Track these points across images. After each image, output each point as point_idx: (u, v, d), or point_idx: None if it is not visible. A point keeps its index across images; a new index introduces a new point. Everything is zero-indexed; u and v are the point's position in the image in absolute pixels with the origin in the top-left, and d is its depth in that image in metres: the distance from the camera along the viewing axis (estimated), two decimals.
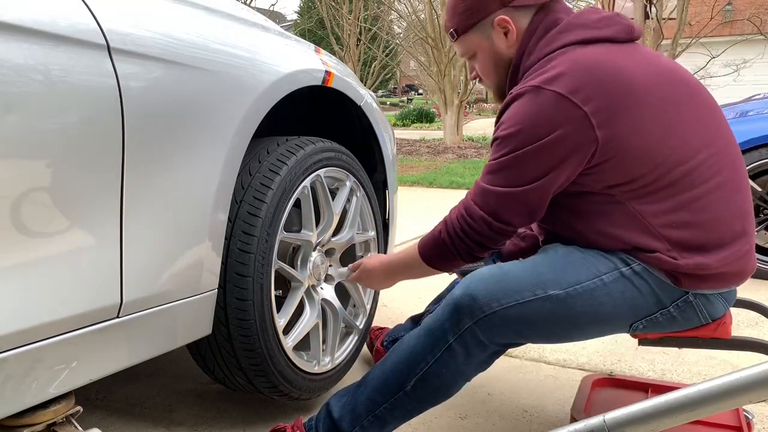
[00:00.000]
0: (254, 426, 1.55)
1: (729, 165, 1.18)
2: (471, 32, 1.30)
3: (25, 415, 1.02)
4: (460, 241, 1.22)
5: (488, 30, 1.28)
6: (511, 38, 1.26)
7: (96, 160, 1.01)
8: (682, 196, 1.13)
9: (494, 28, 1.27)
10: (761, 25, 10.72)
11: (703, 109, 1.19)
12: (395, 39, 15.41)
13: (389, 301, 2.50)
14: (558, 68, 1.12)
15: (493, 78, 1.34)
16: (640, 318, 1.20)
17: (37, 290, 0.94)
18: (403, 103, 26.77)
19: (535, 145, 1.11)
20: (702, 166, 1.14)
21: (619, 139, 1.11)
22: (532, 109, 1.12)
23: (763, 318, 1.49)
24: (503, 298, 1.15)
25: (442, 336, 1.19)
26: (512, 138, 1.13)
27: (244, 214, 1.33)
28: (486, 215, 1.17)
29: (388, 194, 1.99)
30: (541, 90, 1.11)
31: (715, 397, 0.87)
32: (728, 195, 1.16)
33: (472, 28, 1.29)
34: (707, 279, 1.17)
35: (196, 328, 1.27)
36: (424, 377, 1.20)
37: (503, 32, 1.27)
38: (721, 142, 1.18)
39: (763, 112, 3.05)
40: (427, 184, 6.23)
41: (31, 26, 0.92)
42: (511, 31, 1.26)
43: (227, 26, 1.34)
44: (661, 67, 1.18)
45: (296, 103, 1.64)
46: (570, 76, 1.10)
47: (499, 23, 1.26)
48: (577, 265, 1.18)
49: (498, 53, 1.29)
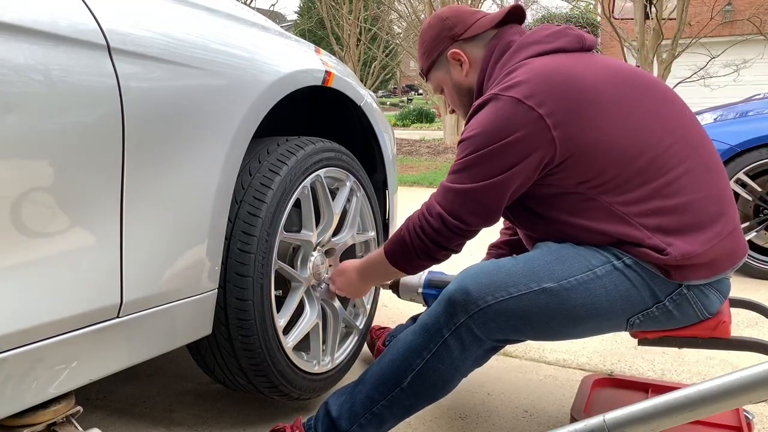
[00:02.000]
0: (254, 426, 1.55)
1: (693, 151, 1.22)
2: (433, 70, 1.47)
3: (25, 415, 1.01)
4: (418, 239, 1.26)
5: (445, 65, 1.44)
6: (465, 68, 1.40)
7: (96, 160, 1.01)
8: (650, 184, 1.18)
9: (450, 62, 1.42)
10: (761, 25, 10.71)
11: (661, 103, 1.25)
12: (395, 39, 15.41)
13: (389, 301, 2.50)
14: (515, 78, 1.20)
15: (459, 107, 1.48)
16: (636, 312, 1.20)
17: (37, 290, 0.94)
18: (403, 103, 26.79)
19: (496, 146, 1.17)
20: (665, 154, 1.19)
21: (576, 138, 1.16)
22: (492, 114, 1.19)
23: (763, 318, 1.49)
24: (497, 292, 1.17)
25: (437, 331, 1.20)
26: (475, 139, 1.20)
27: (244, 214, 1.33)
28: (444, 212, 1.22)
29: (388, 194, 1.99)
30: (499, 97, 1.19)
31: (715, 397, 0.87)
32: (697, 178, 1.20)
33: (433, 66, 1.46)
34: (697, 268, 1.18)
35: (196, 328, 1.27)
36: (421, 372, 1.20)
37: (458, 64, 1.41)
38: (682, 131, 1.23)
39: (763, 112, 3.05)
40: (427, 184, 6.23)
41: (31, 26, 0.92)
42: (464, 62, 1.40)
43: (227, 26, 1.34)
44: (613, 69, 1.25)
45: (296, 104, 1.64)
46: (525, 83, 1.18)
47: (452, 56, 1.41)
48: (570, 258, 1.19)
49: (458, 83, 1.43)
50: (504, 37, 1.35)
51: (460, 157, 1.23)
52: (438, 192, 1.26)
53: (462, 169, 1.22)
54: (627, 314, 1.20)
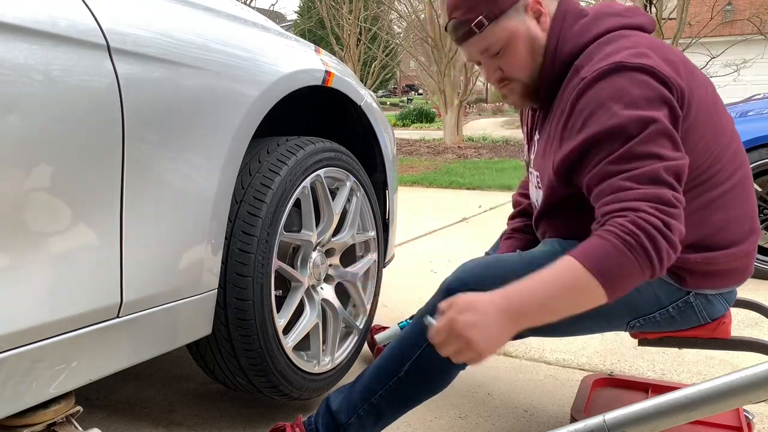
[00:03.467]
0: (254, 426, 1.55)
1: (742, 164, 1.18)
2: (502, 19, 1.18)
3: (25, 415, 1.02)
4: (656, 242, 0.98)
5: (521, 15, 1.19)
6: (543, 23, 1.20)
7: (96, 160, 1.01)
8: (701, 198, 1.12)
9: (527, 13, 1.19)
10: (761, 25, 10.71)
11: (722, 105, 1.19)
12: (395, 39, 15.41)
13: (389, 301, 2.50)
14: (628, 48, 1.08)
15: (526, 71, 1.22)
16: (637, 317, 1.20)
17: (37, 290, 0.94)
18: (403, 103, 26.78)
19: (659, 112, 1.04)
20: (726, 166, 1.14)
21: (690, 130, 1.08)
22: (634, 84, 1.05)
23: (763, 318, 1.49)
24: (495, 282, 1.10)
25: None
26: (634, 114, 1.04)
27: (244, 214, 1.33)
28: (675, 193, 1.02)
29: (388, 194, 1.99)
30: (631, 65, 1.06)
31: (715, 397, 0.87)
32: (740, 194, 1.16)
33: (504, 14, 1.17)
34: (713, 276, 1.17)
35: (196, 328, 1.27)
36: (418, 361, 1.19)
37: (536, 17, 1.19)
38: (738, 142, 1.18)
39: (763, 112, 3.05)
40: (427, 184, 6.23)
41: (31, 26, 0.92)
42: (543, 14, 1.19)
43: (227, 26, 1.34)
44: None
45: (296, 104, 1.64)
46: (646, 54, 1.07)
47: (533, 7, 1.19)
48: None
49: (534, 38, 1.19)
50: (571, 2, 1.22)
51: (631, 137, 1.03)
52: (644, 180, 1.01)
53: (654, 142, 1.03)
54: (628, 318, 1.20)
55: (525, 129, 1.42)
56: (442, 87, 10.80)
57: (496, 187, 5.88)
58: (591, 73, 1.09)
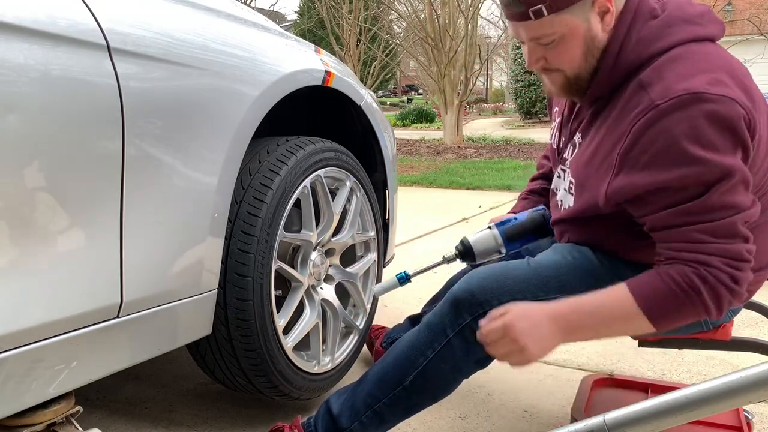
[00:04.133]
0: (254, 426, 1.55)
1: None
2: (566, 12, 1.07)
3: (25, 415, 1.02)
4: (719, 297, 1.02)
5: (587, 10, 1.09)
6: (608, 22, 1.10)
7: (96, 160, 1.01)
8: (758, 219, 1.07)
9: (593, 9, 1.09)
10: (761, 25, 10.71)
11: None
12: (395, 39, 15.41)
13: (389, 301, 2.50)
14: (704, 72, 1.02)
15: (575, 67, 1.14)
16: None
17: (37, 290, 0.94)
18: (403, 103, 26.80)
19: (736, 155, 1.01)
20: (763, 197, 1.10)
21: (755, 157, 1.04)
22: (712, 121, 0.99)
23: (763, 318, 1.49)
24: (502, 297, 1.15)
25: (441, 330, 1.19)
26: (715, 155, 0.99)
27: (244, 214, 1.33)
28: (748, 245, 1.02)
29: (388, 194, 1.99)
30: (705, 97, 0.98)
31: (715, 397, 0.87)
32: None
33: (570, 6, 1.07)
34: None
35: (196, 328, 1.27)
36: (423, 372, 1.20)
37: (601, 14, 1.10)
38: None
39: None
40: (427, 184, 6.23)
41: (31, 26, 0.92)
42: (610, 12, 1.09)
43: (227, 26, 1.34)
44: None
45: (296, 104, 1.64)
46: (723, 82, 1.01)
47: (600, 4, 1.08)
48: (582, 271, 1.17)
49: (594, 38, 1.11)
50: (643, 1, 1.12)
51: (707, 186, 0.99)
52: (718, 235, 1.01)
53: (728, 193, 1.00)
54: None
55: (559, 119, 1.33)
56: (442, 87, 10.80)
57: (496, 187, 5.88)
58: (665, 100, 1.01)
